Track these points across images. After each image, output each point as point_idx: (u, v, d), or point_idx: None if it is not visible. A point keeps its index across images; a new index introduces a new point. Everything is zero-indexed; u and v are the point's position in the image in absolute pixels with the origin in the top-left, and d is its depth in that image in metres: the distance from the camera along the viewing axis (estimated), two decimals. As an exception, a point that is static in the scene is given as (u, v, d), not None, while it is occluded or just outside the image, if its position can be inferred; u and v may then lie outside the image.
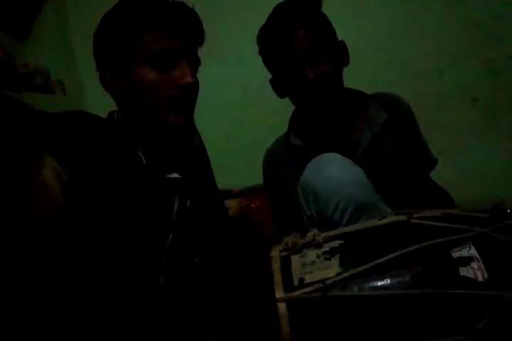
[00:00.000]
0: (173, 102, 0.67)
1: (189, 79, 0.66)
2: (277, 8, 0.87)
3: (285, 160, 0.94)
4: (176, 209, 0.73)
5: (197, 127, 0.84)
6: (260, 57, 0.91)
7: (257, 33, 0.89)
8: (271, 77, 0.93)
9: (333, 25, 0.89)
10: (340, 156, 0.73)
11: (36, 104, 0.62)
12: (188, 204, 0.76)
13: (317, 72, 0.81)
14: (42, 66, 1.61)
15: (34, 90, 1.52)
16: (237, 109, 1.59)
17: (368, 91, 0.97)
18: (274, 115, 1.34)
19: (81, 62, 1.72)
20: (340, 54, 0.88)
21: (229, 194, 1.37)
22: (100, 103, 0.76)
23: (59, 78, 1.67)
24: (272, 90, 0.94)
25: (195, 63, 0.71)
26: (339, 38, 0.91)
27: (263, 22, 0.89)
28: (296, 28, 0.82)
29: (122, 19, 0.67)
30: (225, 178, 1.01)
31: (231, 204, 1.19)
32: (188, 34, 0.69)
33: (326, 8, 0.90)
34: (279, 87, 0.91)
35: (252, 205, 1.31)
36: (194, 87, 0.68)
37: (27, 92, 1.45)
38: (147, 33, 0.66)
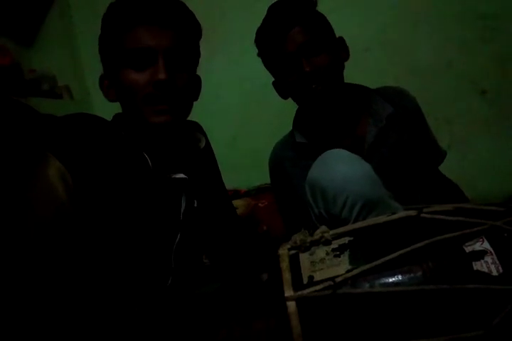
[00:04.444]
0: (149, 101, 0.65)
1: (161, 75, 0.63)
2: (272, 8, 0.87)
3: (291, 158, 0.94)
4: (183, 209, 0.73)
5: (202, 128, 0.84)
6: (263, 57, 0.91)
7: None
8: (272, 81, 0.93)
9: (337, 21, 0.89)
10: (348, 152, 0.72)
11: (43, 109, 0.63)
12: (195, 205, 0.76)
13: (313, 65, 0.81)
14: (48, 72, 1.63)
15: (41, 95, 1.54)
16: (241, 108, 1.58)
17: (375, 86, 0.96)
18: (279, 114, 1.33)
19: (87, 67, 1.73)
20: (338, 49, 0.88)
21: (236, 194, 1.37)
22: (107, 107, 0.76)
23: (66, 83, 1.68)
24: (276, 89, 0.94)
25: (180, 59, 0.67)
26: (343, 34, 0.90)
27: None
28: (290, 26, 0.82)
29: (107, 23, 0.68)
30: (232, 178, 1.01)
31: (238, 204, 1.19)
32: (173, 29, 0.66)
33: (329, 4, 0.90)
34: (281, 87, 0.91)
35: (260, 205, 1.31)
36: (167, 83, 0.64)
37: (34, 98, 1.46)
38: (128, 34, 0.65)
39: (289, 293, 0.49)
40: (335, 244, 0.53)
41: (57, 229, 0.54)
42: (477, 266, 0.46)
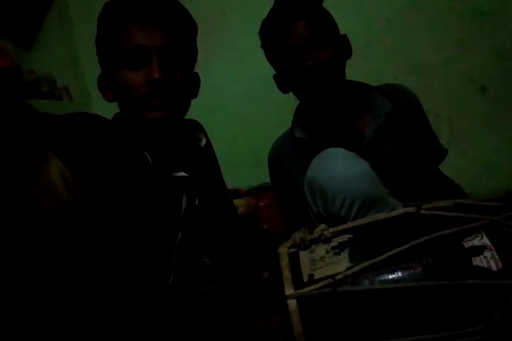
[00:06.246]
0: (145, 99, 0.65)
1: (155, 75, 0.63)
2: (278, 1, 0.87)
3: (291, 154, 0.94)
4: (184, 207, 0.73)
5: (203, 126, 0.84)
6: (263, 56, 0.91)
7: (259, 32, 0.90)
8: (274, 74, 0.92)
9: (336, 18, 0.89)
10: (345, 150, 0.72)
11: (43, 111, 0.63)
12: (196, 203, 0.76)
13: (317, 60, 0.81)
14: (48, 73, 1.63)
15: (41, 97, 1.54)
16: (241, 108, 1.58)
17: (374, 83, 0.96)
18: (278, 113, 1.33)
19: (87, 68, 1.73)
20: (342, 46, 0.88)
21: (237, 193, 1.37)
22: (107, 108, 0.76)
23: (65, 85, 1.68)
24: (276, 88, 0.94)
25: (175, 57, 0.67)
26: (342, 31, 0.90)
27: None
28: (295, 19, 0.82)
29: (102, 23, 0.68)
30: (232, 177, 1.01)
31: (239, 203, 1.19)
32: (167, 28, 0.66)
33: (329, 2, 0.89)
34: (282, 81, 0.91)
35: (261, 204, 1.31)
36: (161, 83, 0.64)
37: (34, 99, 1.46)
38: (122, 33, 0.65)
39: (289, 291, 0.49)
40: (334, 242, 0.53)
41: (57, 228, 0.54)
42: (476, 261, 0.46)
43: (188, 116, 0.75)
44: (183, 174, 0.72)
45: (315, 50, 0.82)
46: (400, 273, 0.47)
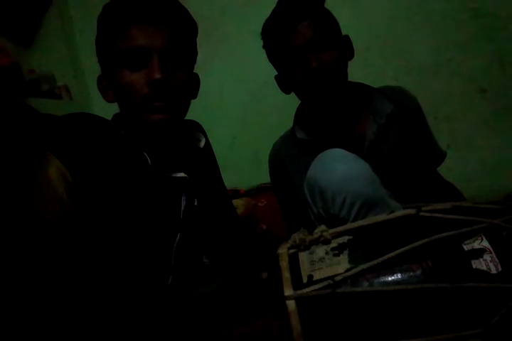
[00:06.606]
0: (147, 101, 0.65)
1: (156, 75, 0.63)
2: (281, 1, 0.87)
3: (292, 155, 0.94)
4: (183, 208, 0.73)
5: (202, 127, 0.84)
6: (263, 56, 0.92)
7: (259, 32, 0.90)
8: (274, 75, 0.93)
9: (337, 19, 0.89)
10: (345, 151, 0.72)
11: (43, 110, 0.63)
12: (195, 204, 0.76)
13: (320, 61, 0.81)
14: (48, 72, 1.63)
15: (40, 96, 1.54)
16: (241, 108, 1.58)
17: (375, 85, 0.96)
18: (278, 114, 1.34)
19: (86, 67, 1.73)
20: (344, 47, 0.88)
21: (236, 193, 1.37)
22: (106, 108, 0.76)
23: (65, 83, 1.68)
24: (276, 89, 0.94)
25: (175, 58, 0.66)
26: (344, 32, 0.90)
27: (266, 21, 0.89)
28: (298, 20, 0.82)
29: (102, 24, 0.68)
30: (231, 178, 1.01)
31: (238, 203, 1.19)
32: (167, 28, 0.66)
33: (329, 4, 0.90)
34: (284, 81, 0.91)
35: (260, 204, 1.31)
36: (163, 83, 0.64)
37: (34, 98, 1.46)
38: (122, 34, 0.65)
39: (288, 292, 0.49)
40: (334, 243, 0.53)
41: (57, 228, 0.54)
42: (476, 264, 0.46)
43: (188, 116, 0.75)
44: (182, 175, 0.72)
45: (318, 50, 0.82)
46: (399, 275, 0.47)
